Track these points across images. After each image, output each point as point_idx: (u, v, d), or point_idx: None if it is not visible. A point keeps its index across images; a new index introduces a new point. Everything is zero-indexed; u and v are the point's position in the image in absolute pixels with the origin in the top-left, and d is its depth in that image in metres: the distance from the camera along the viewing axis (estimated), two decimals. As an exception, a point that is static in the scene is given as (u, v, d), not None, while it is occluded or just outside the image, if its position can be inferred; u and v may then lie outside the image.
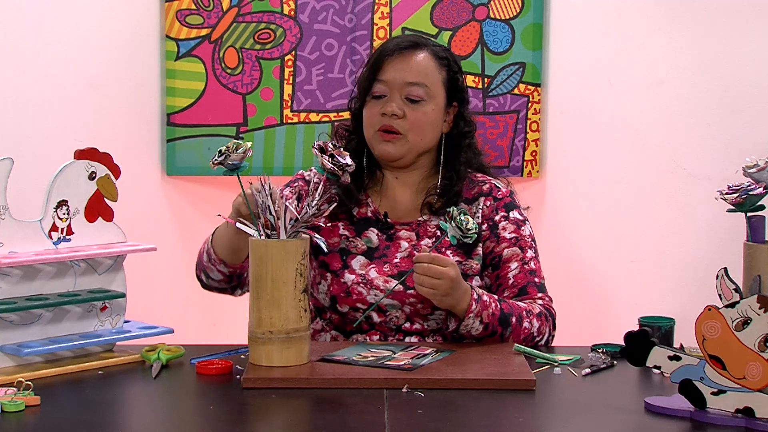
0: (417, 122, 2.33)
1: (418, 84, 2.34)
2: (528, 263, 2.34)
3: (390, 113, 2.32)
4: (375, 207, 2.39)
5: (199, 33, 3.38)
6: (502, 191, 2.41)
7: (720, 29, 3.34)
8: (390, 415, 1.77)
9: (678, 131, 3.39)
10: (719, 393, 1.74)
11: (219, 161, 2.03)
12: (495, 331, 2.21)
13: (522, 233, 2.36)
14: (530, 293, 2.32)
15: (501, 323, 2.21)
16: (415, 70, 2.34)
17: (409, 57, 2.35)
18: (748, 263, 2.12)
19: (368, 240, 2.35)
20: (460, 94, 2.41)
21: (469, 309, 2.17)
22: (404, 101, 2.33)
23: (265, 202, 2.01)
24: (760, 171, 2.15)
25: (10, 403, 1.77)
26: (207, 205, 3.43)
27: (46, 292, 2.06)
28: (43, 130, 3.26)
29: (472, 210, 2.37)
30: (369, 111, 2.36)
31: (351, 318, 2.29)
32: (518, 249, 2.34)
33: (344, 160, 2.04)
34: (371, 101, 2.36)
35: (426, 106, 2.34)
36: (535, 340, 2.26)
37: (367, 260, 2.32)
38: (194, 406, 1.92)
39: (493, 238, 2.35)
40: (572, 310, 3.36)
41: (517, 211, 2.39)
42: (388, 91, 2.34)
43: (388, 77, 2.34)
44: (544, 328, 2.27)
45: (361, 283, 2.29)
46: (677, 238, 3.39)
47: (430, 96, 2.35)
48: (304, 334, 2.00)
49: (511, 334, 2.22)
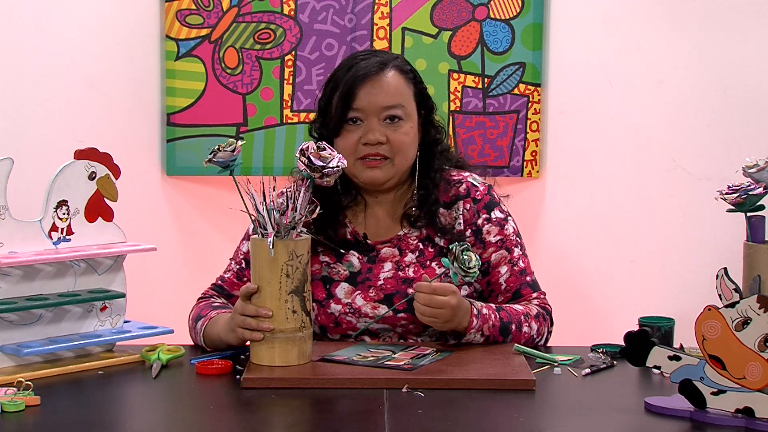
0: (401, 145, 2.29)
1: (395, 106, 2.29)
2: (516, 263, 2.33)
3: (374, 142, 2.27)
4: (353, 228, 2.36)
5: (199, 33, 3.38)
6: (480, 191, 2.36)
7: (720, 29, 3.34)
8: (390, 415, 1.77)
9: (678, 131, 3.39)
10: (719, 393, 1.74)
11: (209, 158, 2.04)
12: (496, 341, 2.22)
13: (506, 233, 2.35)
14: (524, 295, 2.32)
15: (501, 333, 2.21)
16: (390, 92, 2.29)
17: (380, 79, 2.29)
18: (748, 263, 2.12)
19: (350, 264, 2.32)
20: (426, 102, 2.38)
21: (470, 326, 2.17)
22: (383, 124, 2.28)
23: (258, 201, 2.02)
24: (760, 171, 2.15)
25: (10, 403, 1.77)
26: (207, 205, 3.44)
27: (46, 292, 2.06)
28: (43, 130, 3.25)
29: (452, 215, 2.34)
30: (346, 140, 2.29)
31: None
32: (505, 251, 2.33)
33: (318, 162, 2.02)
34: (347, 129, 2.29)
35: (405, 125, 2.30)
36: (534, 342, 2.26)
37: (351, 287, 2.30)
38: (194, 406, 1.92)
39: (479, 245, 2.33)
40: (572, 310, 3.36)
41: (497, 210, 2.36)
42: (365, 117, 2.28)
43: (363, 104, 2.28)
44: (543, 329, 2.28)
45: (348, 313, 2.27)
46: (677, 238, 3.39)
47: (407, 114, 2.31)
48: (291, 335, 2.00)
49: (512, 341, 2.23)
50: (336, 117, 2.30)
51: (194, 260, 3.49)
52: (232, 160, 2.04)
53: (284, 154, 3.40)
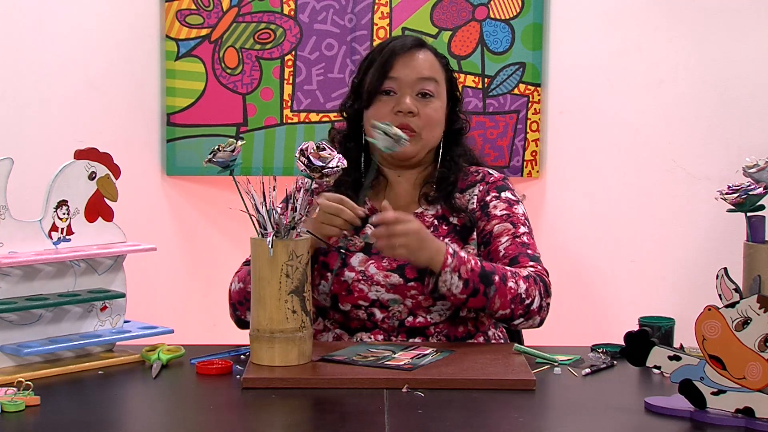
0: (429, 119, 2.35)
1: (430, 79, 2.36)
2: (520, 237, 2.31)
3: (406, 110, 2.32)
4: (372, 205, 2.38)
5: (199, 33, 3.38)
6: (494, 176, 2.42)
7: (720, 29, 3.34)
8: (390, 415, 1.77)
9: (678, 131, 3.39)
10: (719, 393, 1.74)
11: (208, 158, 2.04)
12: (477, 288, 2.16)
13: (514, 211, 2.35)
14: (521, 262, 2.28)
15: (482, 280, 2.16)
16: (426, 65, 2.37)
17: (417, 55, 2.37)
18: (748, 263, 2.12)
19: (366, 236, 2.35)
20: (455, 92, 2.45)
21: (445, 262, 2.15)
22: (416, 98, 2.34)
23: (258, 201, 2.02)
24: (760, 171, 2.15)
25: (10, 403, 1.77)
26: (207, 205, 3.44)
27: (46, 292, 2.06)
28: (43, 130, 3.26)
29: (465, 197, 2.37)
30: (378, 110, 2.35)
31: (353, 316, 2.29)
32: (510, 224, 2.32)
33: (318, 162, 2.03)
34: (380, 100, 2.36)
35: (435, 102, 2.36)
36: (525, 303, 2.20)
37: (366, 256, 2.32)
38: (194, 406, 1.92)
39: (484, 218, 2.34)
40: (572, 310, 3.37)
41: (509, 192, 2.39)
42: (399, 88, 2.35)
43: (401, 74, 2.35)
44: (533, 291, 2.21)
45: (361, 280, 2.28)
46: (677, 238, 3.40)
47: (438, 93, 2.37)
48: (291, 335, 2.00)
49: (496, 293, 2.17)
50: (371, 87, 2.36)
51: (194, 260, 3.49)
52: (232, 160, 2.04)
53: (284, 154, 3.41)
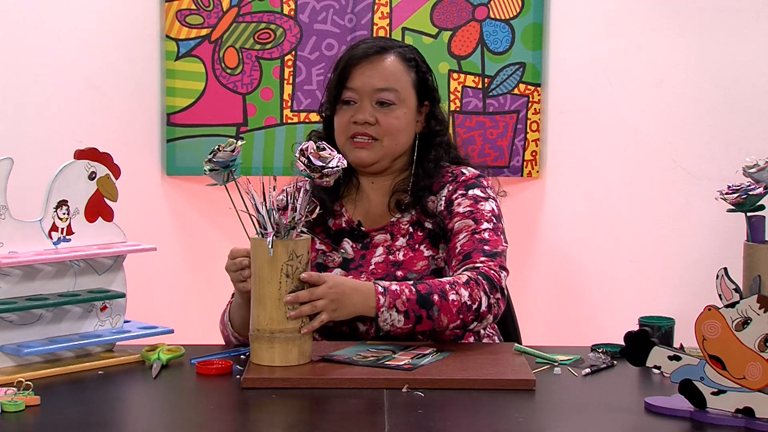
0: (390, 127, 2.32)
1: (388, 89, 2.33)
2: (480, 233, 2.26)
3: (362, 121, 2.31)
4: (349, 216, 2.37)
5: (199, 33, 3.38)
6: (466, 175, 2.37)
7: (720, 29, 3.34)
8: (390, 415, 1.77)
9: (678, 131, 3.39)
10: (719, 393, 1.74)
11: (208, 158, 2.03)
12: (419, 315, 2.11)
13: (479, 207, 2.31)
14: (474, 258, 2.22)
15: (422, 305, 2.11)
16: (384, 75, 2.33)
17: (377, 62, 2.34)
18: (748, 263, 2.12)
19: (343, 252, 2.34)
20: (430, 94, 2.40)
21: (378, 304, 2.10)
22: (375, 107, 2.32)
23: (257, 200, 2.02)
24: (760, 171, 2.15)
25: (10, 403, 1.77)
26: (207, 205, 3.44)
27: (46, 292, 2.06)
28: (43, 130, 3.26)
29: (437, 199, 2.34)
30: (340, 119, 2.35)
31: (336, 331, 2.27)
32: (471, 221, 2.28)
33: (318, 162, 2.02)
34: (342, 109, 2.35)
35: (397, 110, 2.33)
36: (473, 309, 2.14)
37: (344, 272, 2.31)
38: (194, 406, 1.92)
39: (448, 216, 2.32)
40: (572, 310, 3.37)
41: (479, 190, 2.34)
42: (358, 98, 2.33)
43: (357, 84, 2.33)
44: (477, 294, 2.14)
45: None
46: (677, 238, 3.40)
47: (401, 100, 2.34)
48: (291, 335, 2.00)
49: (440, 312, 2.12)
50: (332, 96, 2.36)
51: (194, 260, 3.49)
52: (231, 160, 2.04)
53: (284, 154, 3.40)
